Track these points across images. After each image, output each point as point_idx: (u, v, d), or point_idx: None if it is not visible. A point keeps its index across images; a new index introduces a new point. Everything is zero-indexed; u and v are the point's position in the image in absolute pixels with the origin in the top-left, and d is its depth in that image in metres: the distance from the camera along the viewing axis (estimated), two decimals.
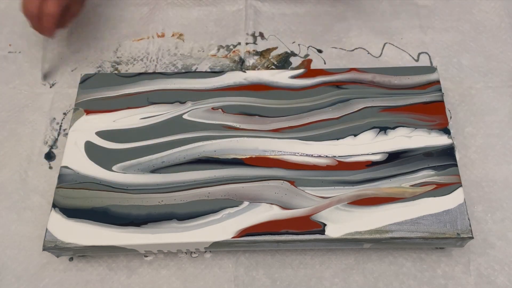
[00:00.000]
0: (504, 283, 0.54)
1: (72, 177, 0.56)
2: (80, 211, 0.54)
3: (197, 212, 0.54)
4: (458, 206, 0.53)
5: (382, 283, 0.55)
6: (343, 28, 0.73)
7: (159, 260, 0.57)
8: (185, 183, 0.56)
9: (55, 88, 0.69)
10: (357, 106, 0.60)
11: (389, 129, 0.58)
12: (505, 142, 0.62)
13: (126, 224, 0.53)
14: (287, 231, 0.52)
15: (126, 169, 0.57)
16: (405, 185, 0.54)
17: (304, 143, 0.58)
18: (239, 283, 0.55)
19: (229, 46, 0.71)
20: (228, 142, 0.58)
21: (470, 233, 0.52)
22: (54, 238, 0.53)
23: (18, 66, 0.71)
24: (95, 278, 0.56)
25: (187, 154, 0.58)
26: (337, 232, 0.52)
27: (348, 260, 0.56)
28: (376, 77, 0.62)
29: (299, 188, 0.55)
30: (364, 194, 0.54)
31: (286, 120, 0.60)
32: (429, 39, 0.71)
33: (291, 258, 0.57)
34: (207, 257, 0.57)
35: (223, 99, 0.61)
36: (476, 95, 0.66)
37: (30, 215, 0.60)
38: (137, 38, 0.73)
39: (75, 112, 0.61)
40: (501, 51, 0.69)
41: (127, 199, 0.55)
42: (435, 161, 0.56)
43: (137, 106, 0.61)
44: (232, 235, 0.52)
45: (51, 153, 0.64)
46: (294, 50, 0.71)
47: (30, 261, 0.57)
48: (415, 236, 0.52)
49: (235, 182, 0.55)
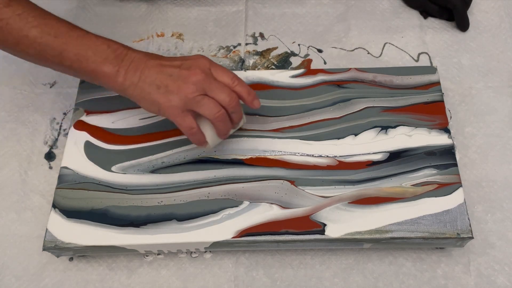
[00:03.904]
0: (504, 283, 0.54)
1: (72, 177, 0.56)
2: (80, 212, 0.54)
3: (197, 212, 0.54)
4: (458, 206, 0.53)
5: (382, 283, 0.55)
6: (343, 28, 0.73)
7: (159, 260, 0.57)
8: (185, 183, 0.56)
9: (55, 88, 0.69)
10: (358, 106, 0.60)
11: (390, 128, 0.58)
12: (505, 142, 0.62)
13: (126, 225, 0.53)
14: (287, 231, 0.52)
15: (125, 169, 0.57)
16: (406, 185, 0.54)
17: (304, 143, 0.58)
18: (239, 283, 0.55)
19: (229, 46, 0.71)
20: (228, 142, 0.58)
21: (470, 233, 0.52)
22: (54, 238, 0.53)
23: (18, 66, 0.71)
24: (95, 278, 0.56)
25: (187, 155, 0.58)
26: (337, 232, 0.52)
27: (348, 260, 0.56)
28: (377, 76, 0.62)
29: (299, 188, 0.55)
30: (364, 194, 0.54)
31: (286, 120, 0.60)
32: (429, 39, 0.71)
33: (291, 258, 0.57)
34: (207, 257, 0.57)
35: None
36: (476, 95, 0.66)
37: (30, 215, 0.60)
38: (136, 38, 0.73)
39: (75, 112, 0.61)
40: (501, 51, 0.69)
41: (126, 200, 0.55)
42: (435, 160, 0.56)
43: (137, 107, 0.61)
44: (232, 235, 0.52)
45: (51, 153, 0.64)
46: (294, 50, 0.71)
47: (30, 261, 0.57)
48: (415, 236, 0.52)
49: (235, 182, 0.55)
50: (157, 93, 0.50)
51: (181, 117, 0.50)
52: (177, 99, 0.49)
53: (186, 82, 0.50)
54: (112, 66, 0.51)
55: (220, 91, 0.51)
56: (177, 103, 0.49)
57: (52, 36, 0.51)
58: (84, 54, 0.51)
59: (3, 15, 0.50)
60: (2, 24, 0.50)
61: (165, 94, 0.50)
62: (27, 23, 0.51)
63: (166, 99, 0.50)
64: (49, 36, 0.51)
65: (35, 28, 0.51)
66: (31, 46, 0.51)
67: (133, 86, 0.50)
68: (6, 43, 0.52)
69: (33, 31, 0.51)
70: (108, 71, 0.51)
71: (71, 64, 0.51)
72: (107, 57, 0.51)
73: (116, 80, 0.51)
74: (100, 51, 0.51)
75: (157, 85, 0.50)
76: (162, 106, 0.50)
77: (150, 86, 0.50)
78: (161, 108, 0.50)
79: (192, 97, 0.49)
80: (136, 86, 0.50)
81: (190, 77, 0.50)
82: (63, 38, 0.51)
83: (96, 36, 0.52)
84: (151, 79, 0.50)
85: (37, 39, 0.51)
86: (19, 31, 0.51)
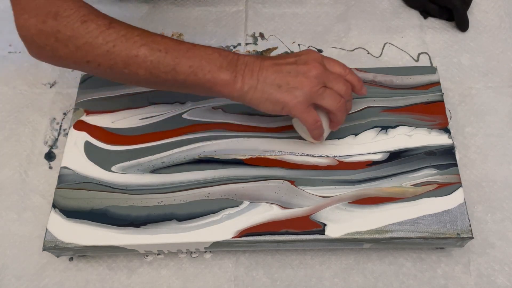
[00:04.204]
0: (504, 283, 0.54)
1: (72, 177, 0.56)
2: (80, 212, 0.54)
3: (197, 212, 0.54)
4: (458, 206, 0.53)
5: (382, 283, 0.55)
6: (343, 28, 0.73)
7: (159, 260, 0.57)
8: (185, 183, 0.56)
9: (55, 88, 0.69)
10: (358, 106, 0.60)
11: (390, 128, 0.58)
12: (505, 142, 0.62)
13: (125, 225, 0.53)
14: (287, 231, 0.52)
15: (125, 169, 0.57)
16: (406, 185, 0.54)
17: (304, 143, 0.58)
18: (239, 283, 0.55)
19: (229, 46, 0.71)
20: (228, 142, 0.58)
21: (470, 233, 0.52)
22: (54, 238, 0.53)
23: (18, 66, 0.71)
24: (95, 278, 0.56)
25: (187, 155, 0.58)
26: (337, 232, 0.52)
27: (348, 260, 0.56)
28: (377, 76, 0.62)
29: (299, 188, 0.55)
30: (364, 194, 0.54)
31: (286, 120, 0.60)
32: (429, 39, 0.71)
33: (291, 258, 0.57)
34: (207, 257, 0.57)
35: (223, 99, 0.61)
36: (476, 95, 0.66)
37: (30, 215, 0.60)
38: None
39: (75, 112, 0.61)
40: (501, 51, 0.69)
41: (126, 200, 0.55)
42: (435, 160, 0.56)
43: (137, 107, 0.61)
44: (232, 235, 0.52)
45: (51, 153, 0.64)
46: (294, 50, 0.71)
47: (30, 261, 0.57)
48: (415, 236, 0.51)
49: (235, 182, 0.55)
50: (279, 92, 0.50)
51: (306, 112, 0.50)
52: (301, 94, 0.50)
53: (307, 76, 0.50)
54: (229, 72, 0.50)
55: (337, 81, 0.51)
56: (302, 98, 0.50)
57: (163, 52, 0.49)
58: (198, 65, 0.50)
59: (109, 37, 0.49)
60: (109, 47, 0.49)
61: (288, 92, 0.50)
62: (134, 43, 0.49)
63: (292, 96, 0.49)
64: (159, 52, 0.49)
65: (143, 47, 0.49)
66: (142, 65, 0.50)
67: (252, 89, 0.50)
68: (115, 67, 0.50)
69: (142, 50, 0.49)
70: (226, 78, 0.50)
71: (185, 78, 0.50)
72: (221, 64, 0.50)
73: (235, 86, 0.50)
74: (213, 59, 0.50)
75: (278, 84, 0.50)
76: (287, 103, 0.50)
77: (271, 86, 0.50)
78: (286, 106, 0.50)
79: (315, 90, 0.50)
80: (256, 89, 0.50)
81: (310, 71, 0.50)
82: (174, 52, 0.50)
83: (204, 46, 0.51)
84: (271, 79, 0.50)
85: (148, 57, 0.49)
86: (128, 51, 0.49)
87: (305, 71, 0.50)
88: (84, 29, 0.49)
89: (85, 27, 0.49)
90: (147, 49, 0.49)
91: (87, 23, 0.49)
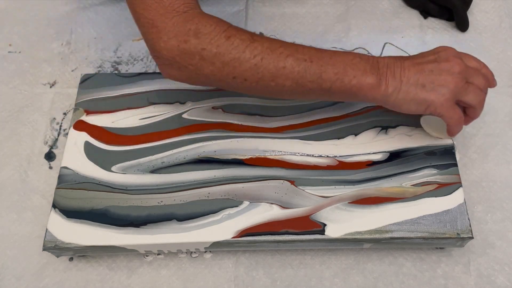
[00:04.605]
0: (504, 283, 0.54)
1: (72, 177, 0.56)
2: (80, 212, 0.54)
3: (197, 212, 0.54)
4: (458, 206, 0.53)
5: (382, 283, 0.55)
6: (343, 28, 0.73)
7: (159, 260, 0.57)
8: (185, 183, 0.56)
9: (55, 88, 0.69)
10: (358, 106, 0.60)
11: (390, 128, 0.58)
12: (505, 142, 0.62)
13: (125, 225, 0.53)
14: (287, 231, 0.52)
15: (125, 169, 0.57)
16: (406, 185, 0.54)
17: (304, 143, 0.58)
18: (239, 283, 0.55)
19: None
20: (228, 142, 0.58)
21: (470, 233, 0.52)
22: (54, 238, 0.53)
23: (18, 66, 0.71)
24: (95, 278, 0.56)
25: (187, 155, 0.58)
26: (337, 232, 0.52)
27: (348, 260, 0.56)
28: None
29: (299, 188, 0.55)
30: (364, 194, 0.54)
31: (286, 120, 0.60)
32: (429, 39, 0.71)
33: (291, 258, 0.57)
34: (207, 257, 0.57)
35: (223, 99, 0.61)
36: None
37: (30, 215, 0.60)
38: (137, 38, 0.73)
39: (75, 112, 0.61)
40: (501, 51, 0.69)
41: (126, 200, 0.55)
42: (435, 160, 0.56)
43: (137, 107, 0.61)
44: (232, 235, 0.52)
45: (51, 153, 0.64)
46: None
47: (30, 261, 0.57)
48: (415, 236, 0.52)
49: (235, 182, 0.55)
50: (424, 92, 0.49)
51: (453, 109, 0.50)
52: (448, 92, 0.49)
53: (451, 74, 0.50)
54: (374, 76, 0.49)
55: (477, 76, 0.51)
56: (449, 96, 0.49)
57: (308, 61, 0.49)
58: (343, 71, 0.49)
59: (255, 51, 0.48)
60: (256, 60, 0.48)
61: (434, 90, 0.49)
62: (280, 54, 0.49)
63: (438, 95, 0.49)
64: (305, 62, 0.49)
65: (289, 57, 0.49)
66: (289, 76, 0.49)
67: (396, 91, 0.50)
68: (262, 81, 0.49)
69: (289, 60, 0.49)
70: (372, 82, 0.49)
71: (331, 85, 0.49)
72: (365, 69, 0.49)
73: (380, 89, 0.49)
74: (356, 64, 0.49)
75: (422, 83, 0.50)
76: (434, 102, 0.49)
77: (415, 87, 0.49)
78: (431, 105, 0.50)
79: (460, 86, 0.50)
80: (399, 90, 0.50)
81: (453, 68, 0.50)
82: (318, 61, 0.49)
83: (344, 52, 0.51)
84: (414, 79, 0.50)
85: (295, 67, 0.49)
86: (276, 63, 0.49)
87: (449, 68, 0.50)
88: (230, 44, 0.48)
89: (230, 43, 0.48)
90: (293, 59, 0.49)
91: (231, 39, 0.49)
